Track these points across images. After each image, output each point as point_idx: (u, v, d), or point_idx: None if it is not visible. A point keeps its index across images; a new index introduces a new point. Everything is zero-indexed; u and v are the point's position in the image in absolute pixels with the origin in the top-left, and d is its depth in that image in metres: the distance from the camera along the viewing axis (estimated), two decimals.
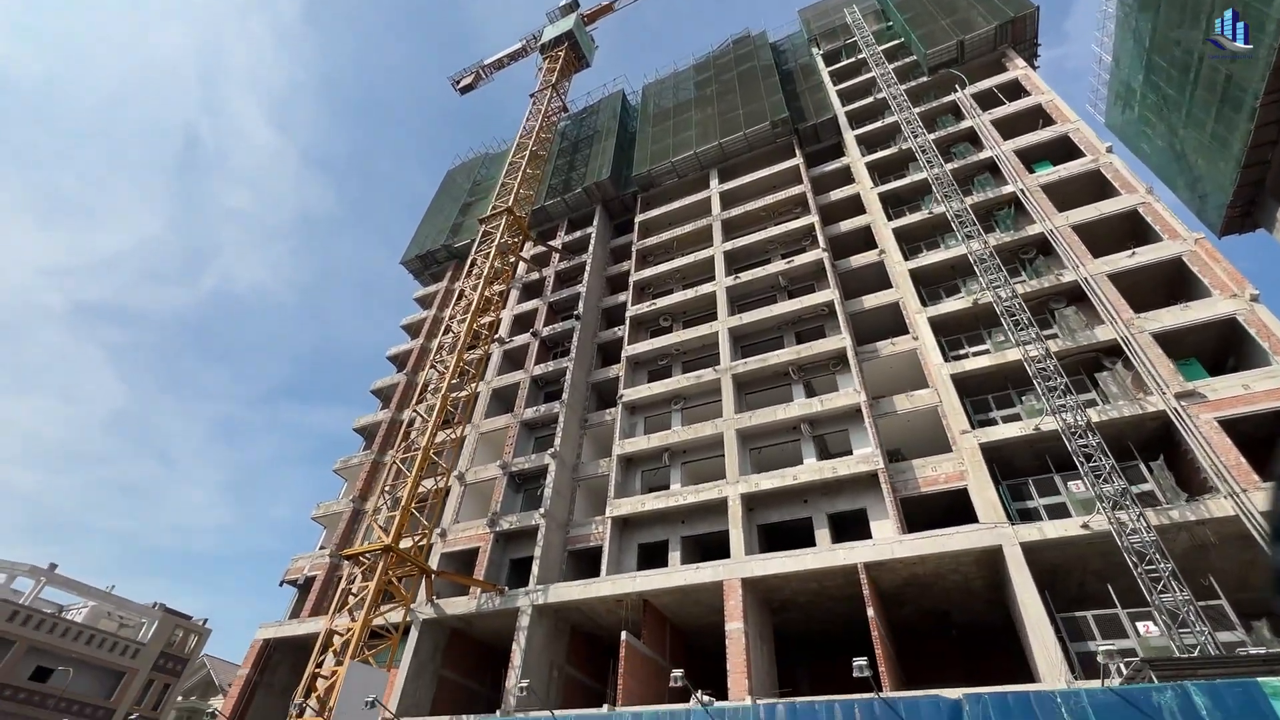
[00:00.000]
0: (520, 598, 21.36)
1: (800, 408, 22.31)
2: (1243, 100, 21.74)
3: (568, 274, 35.79)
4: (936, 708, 7.99)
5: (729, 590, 18.41)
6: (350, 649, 17.86)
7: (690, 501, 21.71)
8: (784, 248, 30.14)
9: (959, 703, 7.77)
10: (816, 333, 25.84)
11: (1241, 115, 22.05)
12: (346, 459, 32.41)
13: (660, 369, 28.35)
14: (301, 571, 27.90)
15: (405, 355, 36.93)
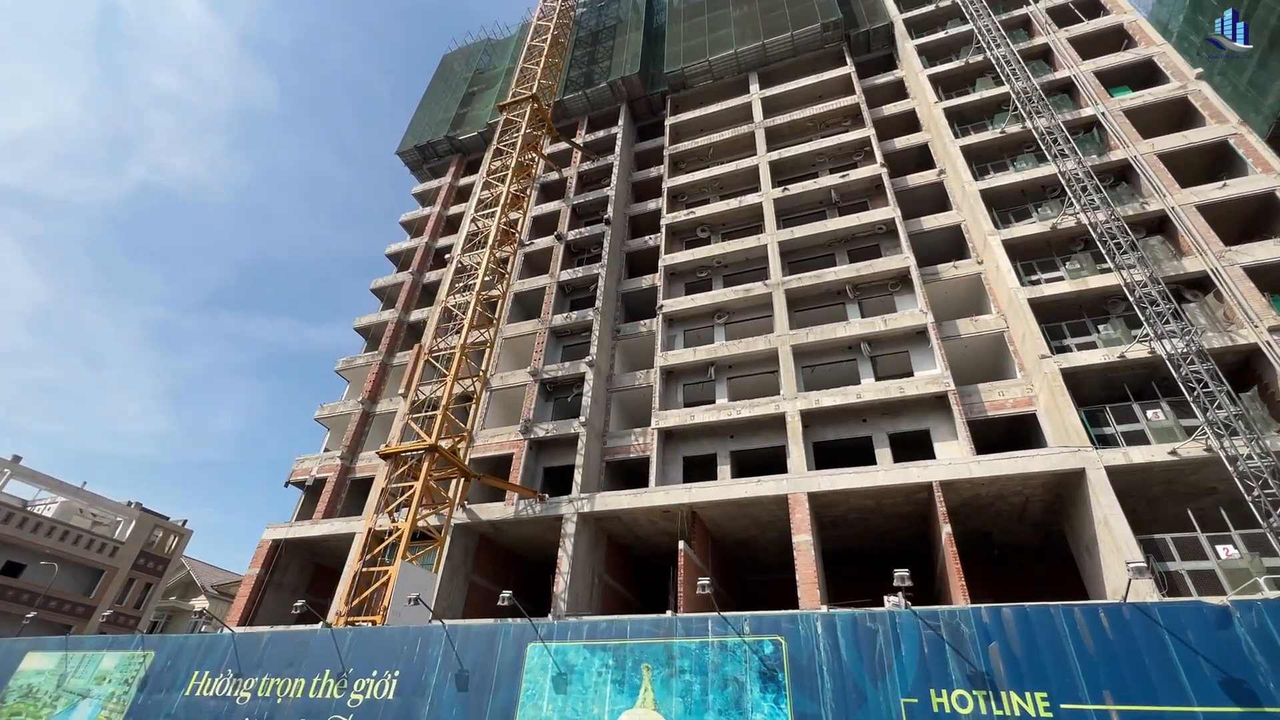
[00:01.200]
0: (564, 505, 20.59)
1: (862, 326, 21.53)
2: None
3: (591, 176, 33.31)
4: (1199, 614, 7.56)
5: (794, 504, 18.03)
6: (400, 550, 16.82)
7: (745, 416, 21.00)
8: (833, 162, 28.49)
9: (1226, 609, 7.36)
10: (871, 252, 24.79)
11: None
12: (350, 359, 30.31)
13: (699, 281, 26.96)
14: (309, 473, 26.38)
15: (408, 253, 34.22)
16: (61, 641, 13.62)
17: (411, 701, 9.67)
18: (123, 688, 11.99)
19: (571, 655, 9.16)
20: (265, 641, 11.48)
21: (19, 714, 12.47)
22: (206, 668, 11.52)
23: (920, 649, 7.62)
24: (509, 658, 9.56)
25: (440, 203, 36.11)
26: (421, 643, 10.23)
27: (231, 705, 10.81)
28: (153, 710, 11.32)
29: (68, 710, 12.07)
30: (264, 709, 10.47)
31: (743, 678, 7.89)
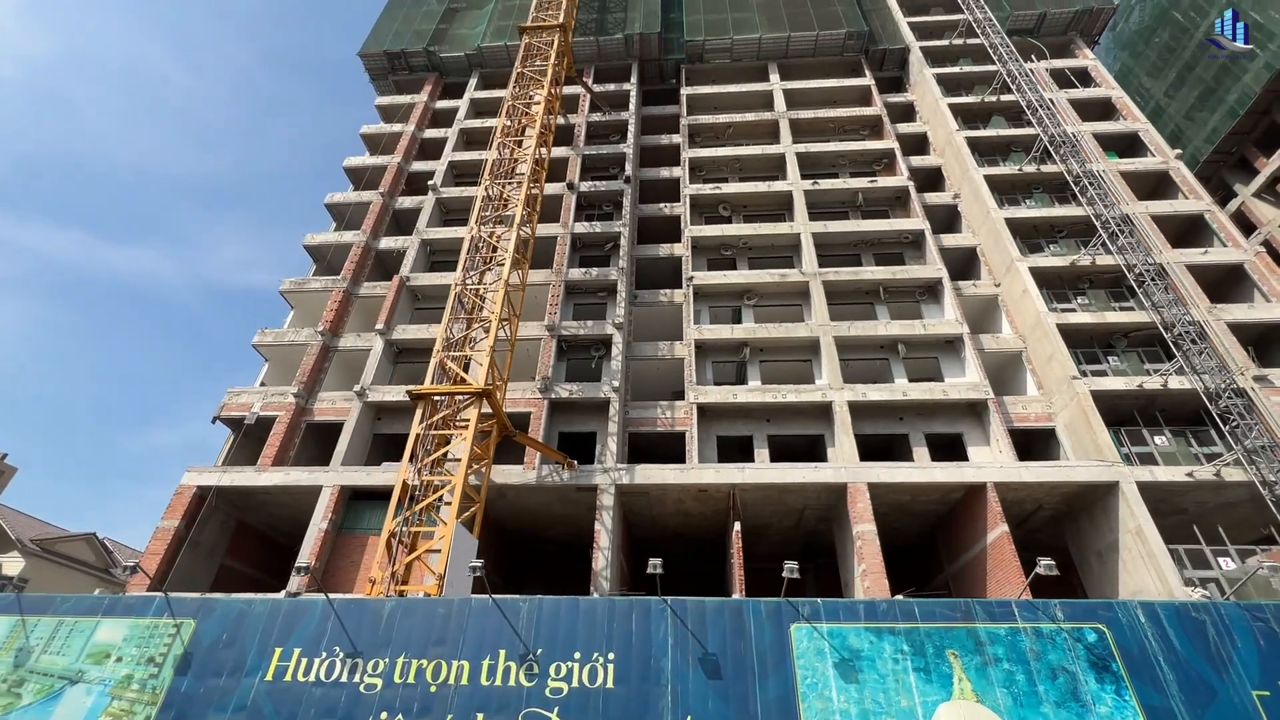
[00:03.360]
0: (598, 475, 18.73)
1: (901, 328, 22.04)
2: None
3: (600, 129, 31.00)
4: None
5: (855, 494, 17.90)
6: (454, 510, 14.05)
7: (789, 400, 20.54)
8: (853, 166, 29.10)
9: None
10: (895, 259, 25.58)
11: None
12: (300, 281, 25.35)
13: (722, 259, 26.10)
14: (247, 408, 21.54)
15: (375, 172, 29.41)
16: (8, 601, 9.30)
17: (643, 691, 7.72)
18: (145, 668, 8.37)
19: (852, 639, 7.87)
20: (388, 612, 8.63)
21: None
22: (294, 644, 8.41)
23: (1255, 641, 7.55)
24: (767, 640, 8.01)
25: (415, 123, 31.53)
26: (637, 619, 8.23)
27: (354, 695, 7.94)
28: (209, 700, 7.99)
29: (46, 700, 8.15)
30: (411, 700, 7.81)
31: (1071, 667, 7.27)
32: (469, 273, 19.32)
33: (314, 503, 20.47)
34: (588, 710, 7.68)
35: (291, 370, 23.53)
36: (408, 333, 23.13)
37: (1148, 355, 21.14)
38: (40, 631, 8.89)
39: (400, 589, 12.78)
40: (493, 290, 18.53)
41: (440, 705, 7.81)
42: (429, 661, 8.15)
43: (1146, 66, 35.67)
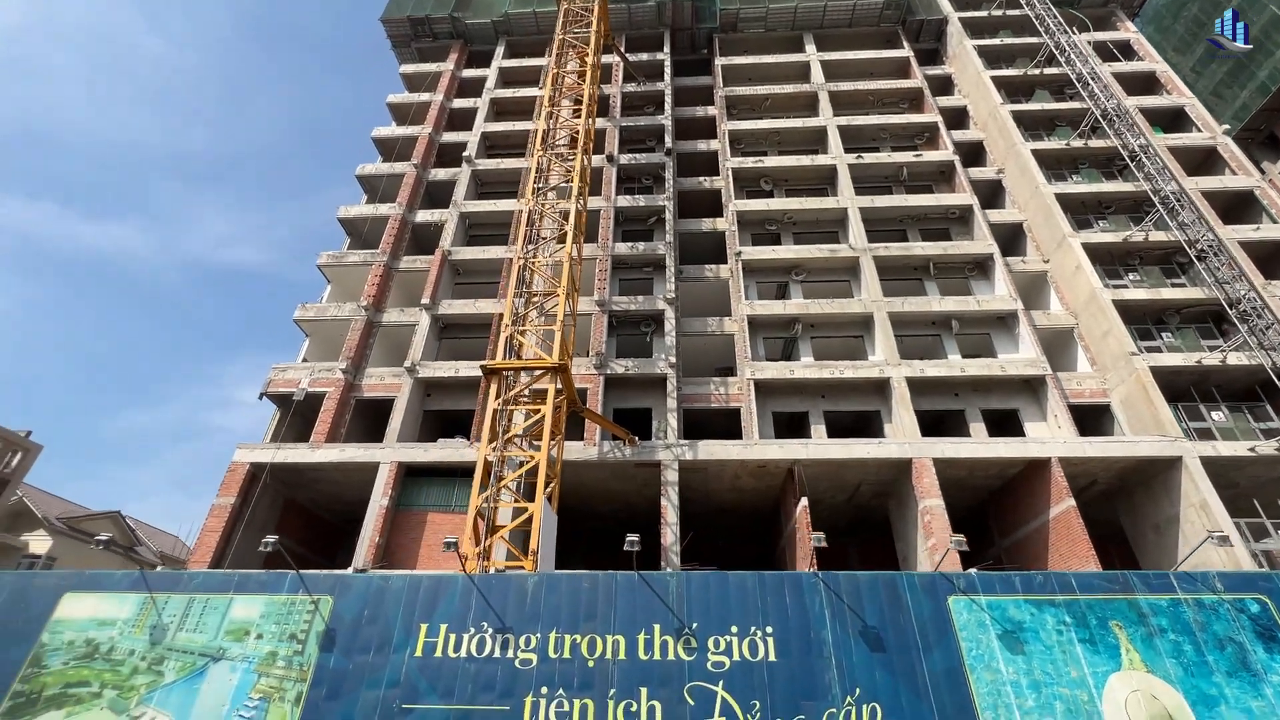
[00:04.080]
0: (660, 451, 18.63)
1: (955, 303, 21.94)
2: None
3: (634, 100, 30.30)
4: None
5: (921, 469, 17.93)
6: (539, 486, 13.89)
7: (846, 376, 20.46)
8: (894, 140, 28.69)
9: None
10: (941, 234, 25.38)
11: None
12: (338, 255, 24.78)
13: (766, 234, 25.76)
14: (294, 384, 21.15)
15: (405, 142, 28.62)
16: (128, 579, 9.04)
17: (806, 664, 7.67)
18: (288, 645, 8.20)
19: (1013, 611, 7.87)
20: (532, 588, 8.48)
21: (86, 683, 8.02)
22: (440, 619, 8.26)
23: None
24: (926, 613, 7.98)
25: (443, 92, 30.65)
26: (790, 593, 8.16)
27: (509, 670, 7.83)
28: (360, 676, 7.84)
29: (191, 677, 7.97)
30: (570, 675, 7.72)
31: (1238, 637, 7.33)
32: (526, 246, 18.88)
33: (364, 480, 20.31)
34: (753, 683, 7.64)
35: (332, 346, 23.14)
36: (453, 308, 22.74)
37: (1201, 331, 21.22)
38: (172, 609, 8.68)
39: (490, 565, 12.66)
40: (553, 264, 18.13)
41: (601, 679, 7.74)
42: (582, 636, 8.05)
43: (1174, 41, 35.25)
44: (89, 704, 7.97)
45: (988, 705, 7.43)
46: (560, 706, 7.60)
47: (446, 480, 19.69)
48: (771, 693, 7.55)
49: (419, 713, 7.63)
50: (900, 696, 7.54)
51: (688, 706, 7.48)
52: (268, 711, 7.75)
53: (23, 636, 8.64)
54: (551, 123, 22.37)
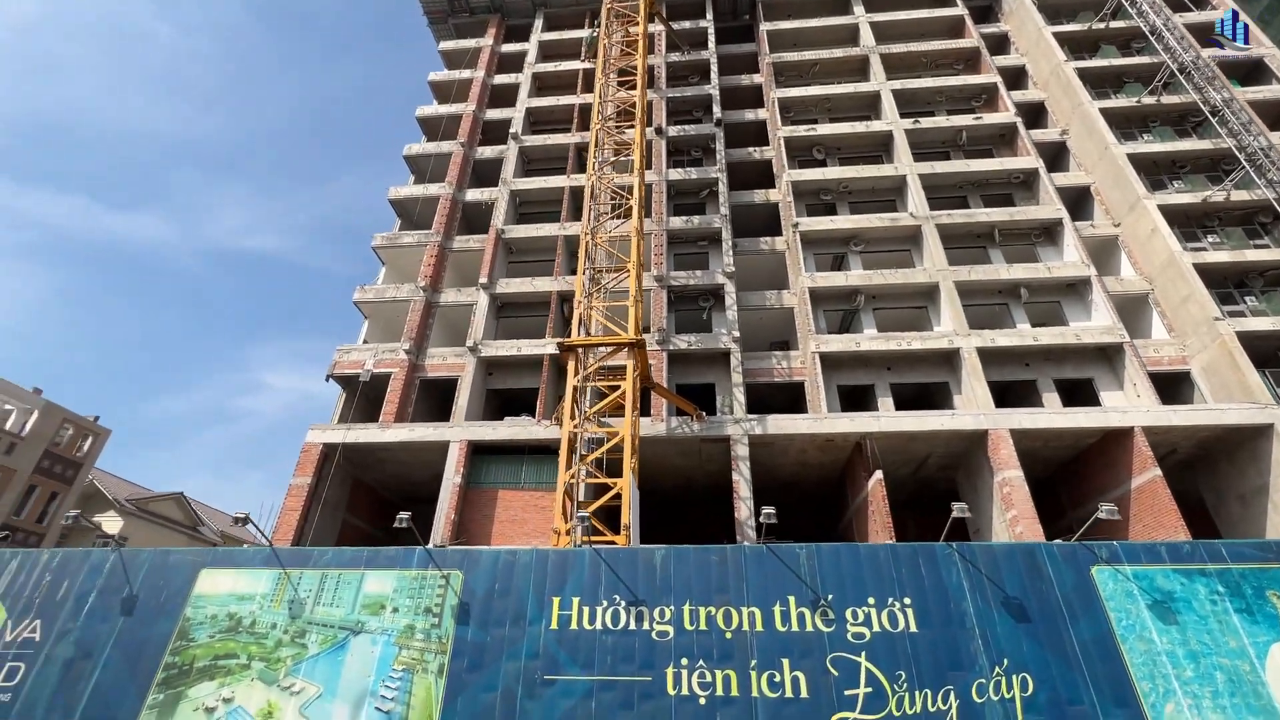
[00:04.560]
0: (730, 426, 18.55)
1: (1025, 271, 21.32)
2: None
3: (679, 70, 29.64)
4: None
5: (998, 441, 17.62)
6: (626, 461, 13.91)
7: (914, 348, 20.09)
8: (950, 103, 27.72)
9: None
10: (1005, 200, 24.59)
11: None
12: (392, 236, 24.84)
13: (821, 204, 25.20)
14: (359, 366, 21.38)
15: (450, 121, 28.43)
16: (260, 555, 9.28)
17: (948, 635, 7.63)
18: (424, 618, 8.36)
19: (1161, 581, 7.73)
20: (660, 561, 8.52)
21: (234, 655, 8.29)
22: (571, 593, 8.34)
23: None
24: (1069, 583, 7.86)
25: (484, 68, 30.28)
26: (925, 565, 8.09)
27: (647, 642, 7.90)
28: (499, 649, 7.97)
29: (334, 649, 8.19)
30: (708, 646, 7.76)
31: None
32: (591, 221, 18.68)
33: (429, 459, 20.62)
34: (896, 654, 7.61)
35: (390, 327, 23.36)
36: (511, 286, 22.72)
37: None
38: (306, 584, 8.89)
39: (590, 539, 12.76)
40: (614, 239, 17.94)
41: (740, 651, 7.77)
42: (716, 608, 8.07)
43: None
44: (239, 675, 8.23)
45: (1144, 675, 7.30)
46: (702, 677, 7.65)
47: (513, 458, 19.87)
48: (916, 663, 7.51)
49: (562, 684, 7.73)
50: (1050, 666, 7.45)
51: (832, 677, 7.48)
52: (412, 682, 7.92)
53: (167, 611, 8.94)
54: (603, 95, 21.95)
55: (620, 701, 7.55)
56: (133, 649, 8.68)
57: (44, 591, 9.28)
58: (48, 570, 9.48)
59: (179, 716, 8.00)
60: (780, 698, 7.40)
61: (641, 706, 7.48)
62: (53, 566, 9.50)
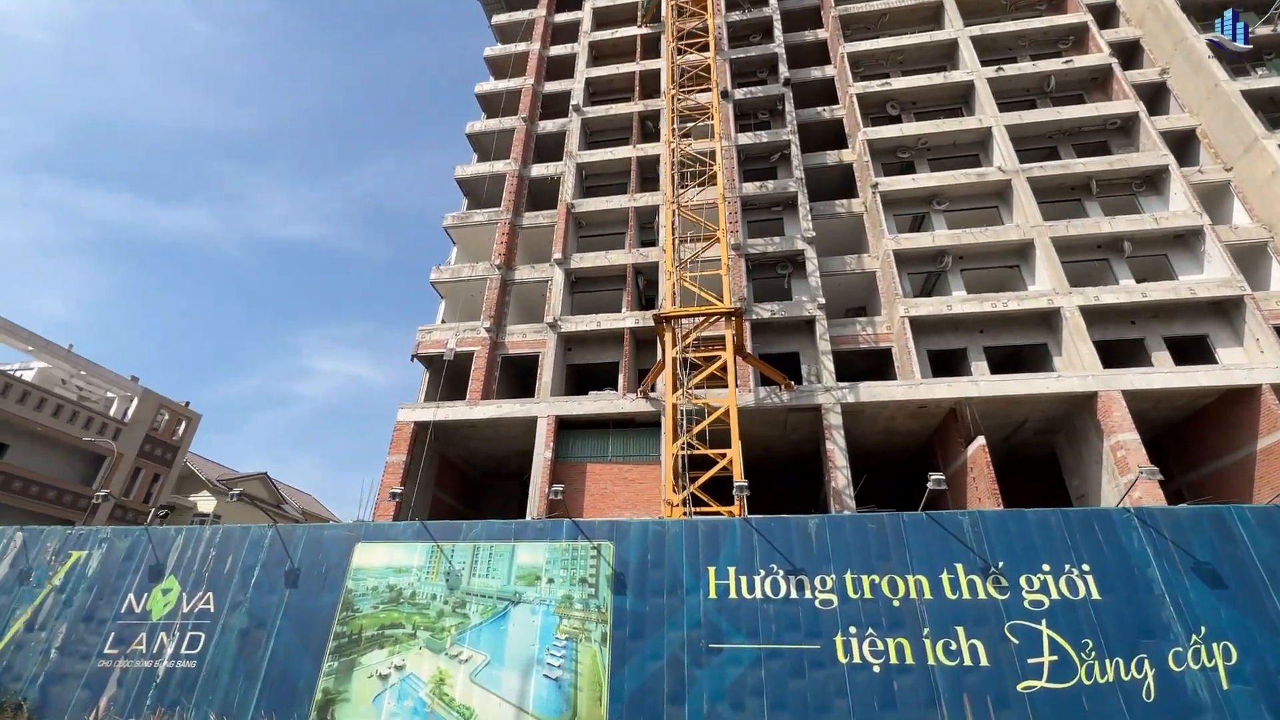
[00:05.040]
0: (820, 394, 18.17)
1: (1128, 223, 20.08)
2: None
3: (739, 30, 28.60)
4: None
5: (1108, 402, 16.80)
6: (734, 431, 13.77)
7: (1010, 308, 19.24)
8: (1033, 48, 26.05)
9: None
10: (1100, 148, 23.11)
11: None
12: (462, 215, 24.94)
13: (899, 163, 24.16)
14: (441, 345, 21.70)
15: (510, 96, 28.17)
16: (410, 529, 9.57)
17: (1134, 601, 7.34)
18: (581, 589, 8.50)
19: None
20: (814, 530, 8.42)
21: (400, 625, 8.60)
22: (726, 562, 8.34)
23: None
24: (1266, 548, 7.42)
25: (539, 40, 29.81)
26: (1101, 530, 7.78)
27: (811, 610, 7.86)
28: (659, 618, 8.04)
29: (496, 619, 8.42)
30: (876, 614, 7.67)
31: None
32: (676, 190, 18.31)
33: (511, 434, 20.96)
34: (1079, 622, 7.34)
35: (465, 306, 23.61)
36: (585, 261, 22.61)
37: None
38: (460, 557, 9.11)
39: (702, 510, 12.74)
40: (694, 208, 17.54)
41: (911, 619, 7.63)
42: (880, 576, 7.93)
43: None
44: (406, 643, 8.51)
45: None
46: (873, 645, 7.54)
47: (598, 432, 20.00)
48: (1102, 631, 7.22)
49: (728, 652, 7.74)
50: (1253, 635, 7.06)
51: (1012, 645, 7.27)
52: (577, 650, 8.06)
53: (330, 584, 9.30)
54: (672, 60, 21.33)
55: (790, 669, 7.51)
56: (302, 619, 9.08)
57: (211, 565, 9.78)
58: (211, 546, 9.97)
59: (355, 683, 8.36)
60: (959, 666, 7.24)
61: (813, 675, 7.42)
62: (215, 542, 10.00)
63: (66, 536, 10.49)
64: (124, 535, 10.32)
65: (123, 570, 10.00)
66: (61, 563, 10.15)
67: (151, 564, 9.91)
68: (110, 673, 9.04)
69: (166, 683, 8.85)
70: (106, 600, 9.75)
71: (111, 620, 9.56)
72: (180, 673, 8.90)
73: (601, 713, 7.56)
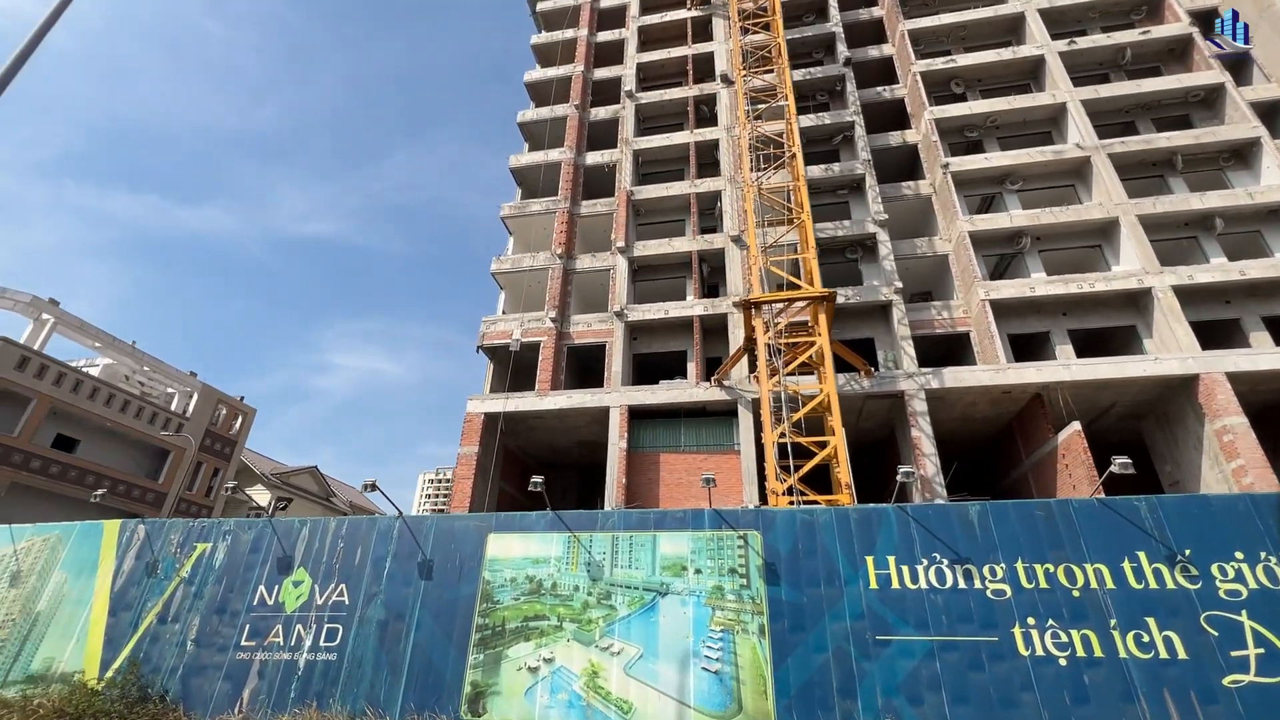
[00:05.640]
0: (902, 380, 17.71)
1: (1220, 199, 19.27)
2: None
3: (792, 11, 27.91)
4: None
5: (1211, 385, 16.16)
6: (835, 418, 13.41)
7: (1098, 290, 18.59)
8: (1104, 19, 25.10)
9: None
10: (1179, 123, 22.23)
11: None
12: (519, 205, 24.72)
13: (965, 143, 23.46)
14: (506, 336, 21.56)
15: (561, 84, 27.82)
16: (544, 520, 9.39)
17: None
18: (731, 579, 8.26)
19: None
20: (975, 517, 8.08)
21: (544, 617, 8.43)
22: (884, 552, 8.05)
23: None
24: None
25: (586, 26, 29.39)
26: None
27: (983, 601, 7.54)
28: (818, 609, 7.77)
29: (644, 610, 8.21)
30: (1055, 605, 7.33)
31: None
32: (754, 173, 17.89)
33: (577, 424, 20.82)
34: None
35: (522, 297, 23.47)
36: (648, 249, 22.29)
37: None
38: (599, 547, 8.91)
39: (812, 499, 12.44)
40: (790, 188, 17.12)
41: (1095, 609, 7.28)
42: (1054, 565, 7.58)
43: None
44: (553, 635, 8.33)
45: None
46: (1056, 637, 7.20)
47: (669, 421, 19.74)
48: None
49: (897, 644, 7.45)
50: None
51: (1210, 637, 6.90)
52: (735, 642, 7.82)
53: (466, 575, 9.15)
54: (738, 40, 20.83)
55: (968, 662, 7.20)
56: (441, 610, 8.94)
57: (341, 557, 9.69)
58: (339, 538, 9.88)
59: (503, 675, 8.20)
60: (1154, 659, 6.88)
61: (993, 668, 7.11)
62: (343, 534, 9.90)
63: (189, 529, 10.47)
64: (248, 527, 10.27)
65: (250, 562, 9.95)
66: (187, 555, 10.13)
67: (279, 555, 9.85)
68: (250, 665, 9.00)
69: (309, 675, 8.77)
70: (237, 592, 9.71)
71: (245, 612, 9.51)
72: (321, 665, 8.82)
73: (768, 707, 7.31)
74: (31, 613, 9.97)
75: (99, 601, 9.87)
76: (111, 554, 10.27)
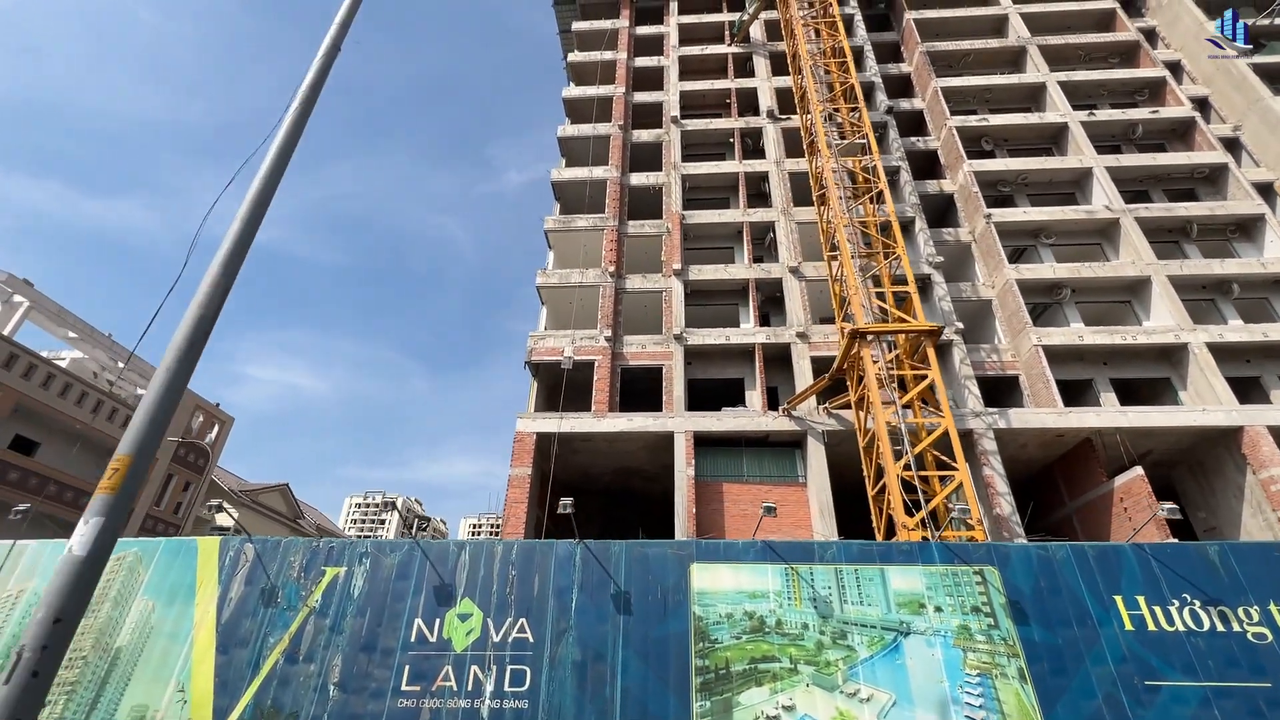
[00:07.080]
0: (970, 419, 18.00)
1: (1238, 266, 21.02)
2: None
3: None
4: None
5: (1256, 437, 17.33)
6: (957, 450, 13.31)
7: (1138, 342, 19.70)
8: (1112, 96, 27.37)
9: None
10: (1186, 195, 24.28)
11: None
12: (564, 220, 23.98)
13: (997, 196, 24.72)
14: (555, 353, 20.55)
15: (602, 103, 27.53)
16: (751, 549, 8.46)
17: None
18: (976, 618, 7.65)
19: None
20: (1215, 555, 7.90)
21: (774, 658, 7.49)
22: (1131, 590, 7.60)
23: None
24: None
25: (627, 50, 29.43)
26: None
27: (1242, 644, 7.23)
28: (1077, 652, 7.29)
29: (887, 651, 7.44)
30: None
31: None
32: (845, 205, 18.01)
33: (626, 449, 20.01)
34: None
35: (572, 314, 22.53)
36: (704, 273, 22.01)
37: None
38: (821, 581, 8.13)
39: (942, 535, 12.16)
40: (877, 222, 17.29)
41: None
42: None
43: None
44: (788, 680, 7.48)
45: None
46: None
47: (730, 450, 19.25)
48: None
49: (1168, 690, 7.13)
50: None
51: None
52: (995, 688, 7.26)
53: (673, 610, 8.13)
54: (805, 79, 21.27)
55: (1247, 709, 6.97)
56: (648, 650, 7.88)
57: (515, 587, 8.41)
58: (509, 565, 8.59)
59: None
60: None
61: (1274, 716, 6.91)
62: (513, 560, 8.63)
63: (313, 550, 8.90)
64: (390, 549, 8.82)
65: (399, 591, 8.52)
66: (315, 581, 8.58)
67: (435, 584, 8.49)
68: (417, 714, 7.57)
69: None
70: (387, 626, 8.25)
71: (400, 650, 8.07)
72: (511, 714, 7.53)
73: None
74: (109, 649, 8.12)
75: (202, 635, 8.15)
76: (213, 577, 8.58)
